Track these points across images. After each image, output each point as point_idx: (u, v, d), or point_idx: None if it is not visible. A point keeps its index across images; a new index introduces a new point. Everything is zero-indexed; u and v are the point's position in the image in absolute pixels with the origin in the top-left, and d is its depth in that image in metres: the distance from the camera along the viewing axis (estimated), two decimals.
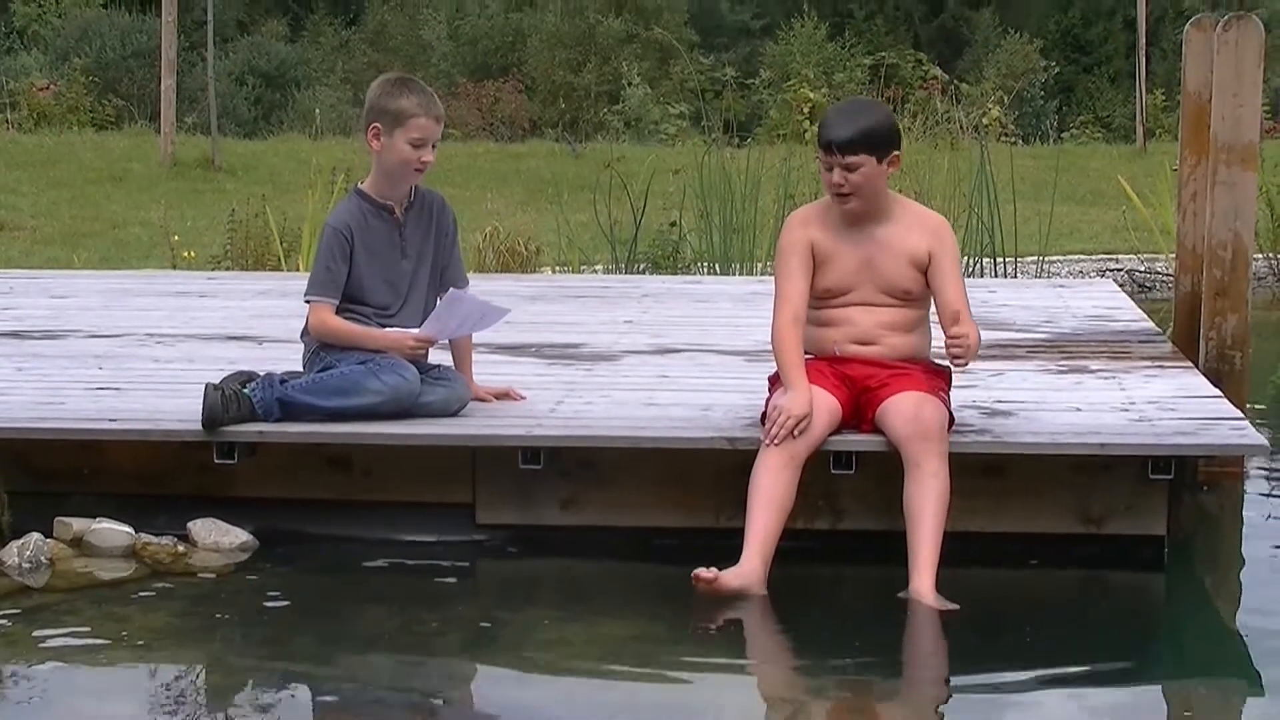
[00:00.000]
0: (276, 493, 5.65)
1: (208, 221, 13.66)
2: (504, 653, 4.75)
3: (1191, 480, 6.01)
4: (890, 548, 5.20)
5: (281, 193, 14.27)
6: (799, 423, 5.18)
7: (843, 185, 5.27)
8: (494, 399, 5.89)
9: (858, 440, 5.35)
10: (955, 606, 4.95)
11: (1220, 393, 6.11)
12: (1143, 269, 12.76)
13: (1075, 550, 5.47)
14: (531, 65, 31.21)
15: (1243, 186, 6.60)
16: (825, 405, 5.26)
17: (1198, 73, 7.14)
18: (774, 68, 27.92)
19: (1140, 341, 7.27)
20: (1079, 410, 5.82)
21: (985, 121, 17.10)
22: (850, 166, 5.24)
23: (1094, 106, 29.92)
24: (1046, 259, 12.09)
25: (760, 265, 11.09)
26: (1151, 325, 7.73)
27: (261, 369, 5.79)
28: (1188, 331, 7.18)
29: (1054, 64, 30.30)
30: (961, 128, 15.87)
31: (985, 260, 11.38)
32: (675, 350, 7.11)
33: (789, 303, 5.34)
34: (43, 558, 5.38)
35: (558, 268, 11.67)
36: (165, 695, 4.45)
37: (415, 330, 5.65)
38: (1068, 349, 7.12)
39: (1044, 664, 4.65)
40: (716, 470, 5.46)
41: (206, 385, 5.55)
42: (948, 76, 22.90)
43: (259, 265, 11.11)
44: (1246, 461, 6.39)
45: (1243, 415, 5.81)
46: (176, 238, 11.98)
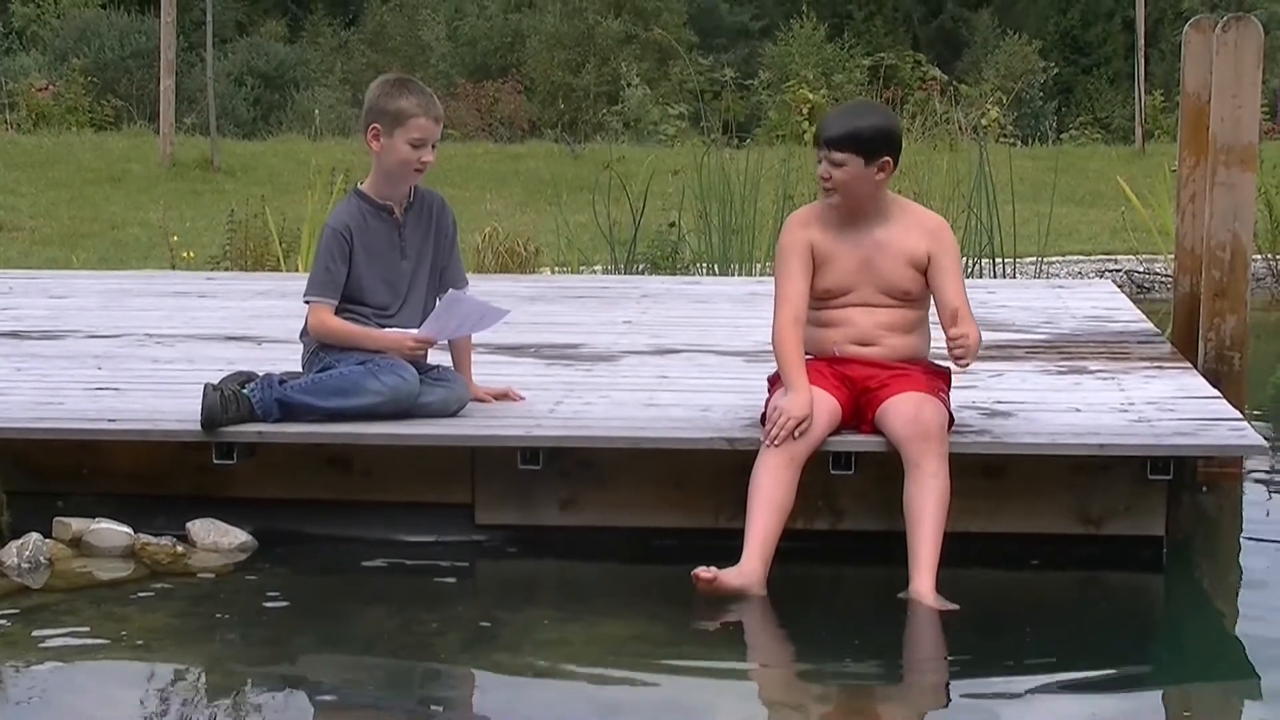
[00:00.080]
0: (275, 493, 5.65)
1: (207, 222, 13.66)
2: (503, 653, 4.75)
3: (1190, 481, 6.01)
4: (890, 548, 5.20)
5: (280, 193, 14.28)
6: (799, 424, 5.18)
7: (827, 179, 5.33)
8: (493, 399, 5.89)
9: (857, 441, 5.36)
10: (955, 607, 4.95)
11: (1219, 393, 6.11)
12: (1142, 270, 12.76)
13: (1074, 551, 5.47)
14: (530, 66, 31.23)
15: (1241, 188, 6.60)
16: (825, 406, 5.26)
17: (1197, 74, 7.14)
18: (773, 69, 27.96)
19: (1139, 342, 7.27)
20: (1078, 411, 5.82)
21: (984, 122, 17.11)
22: (835, 162, 5.29)
23: (1093, 107, 29.94)
24: (1045, 260, 12.10)
25: (759, 266, 11.10)
26: (1150, 326, 7.74)
27: (260, 369, 5.79)
28: (1187, 332, 7.18)
29: (1053, 65, 30.33)
30: (960, 129, 15.88)
31: (984, 261, 11.38)
32: (674, 351, 7.11)
33: (789, 303, 5.35)
34: (42, 558, 5.37)
35: (557, 268, 11.68)
36: (164, 695, 4.45)
37: (414, 331, 5.65)
38: (1067, 350, 7.12)
39: (1043, 664, 4.65)
40: (716, 471, 5.46)
41: (205, 385, 5.55)
42: (947, 77, 22.92)
43: (258, 266, 11.11)
44: (1245, 462, 6.39)
45: (1241, 416, 5.82)
46: (175, 238, 11.99)
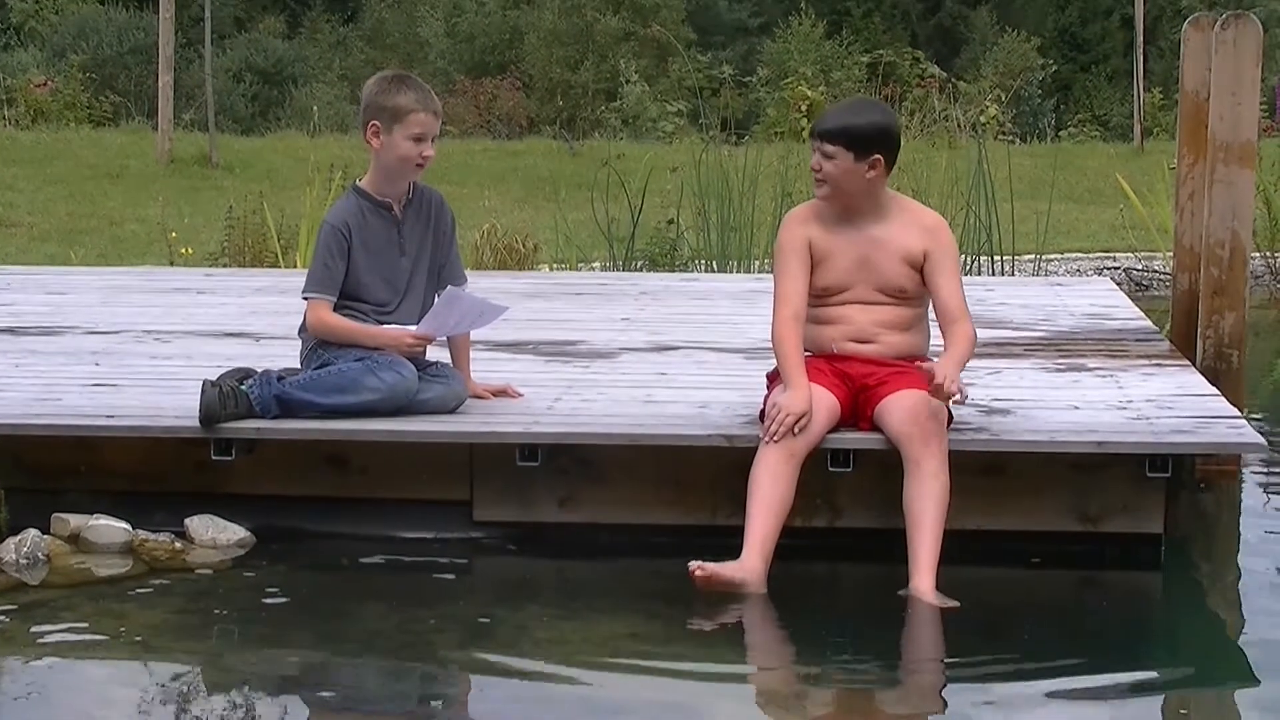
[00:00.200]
0: (274, 490, 5.65)
1: (205, 218, 13.65)
2: (501, 650, 4.75)
3: (1189, 479, 6.01)
4: (889, 546, 5.20)
5: (279, 190, 14.27)
6: (798, 420, 5.18)
7: (818, 170, 5.37)
8: (492, 396, 5.89)
9: (856, 438, 5.36)
10: (955, 604, 4.95)
11: (1217, 391, 6.11)
12: (1140, 268, 12.76)
13: (1073, 548, 5.47)
14: (529, 63, 31.22)
15: (1240, 185, 6.60)
16: (824, 403, 5.26)
17: (1196, 72, 7.14)
18: (771, 65, 27.94)
19: (1137, 340, 7.27)
20: (1076, 408, 5.82)
21: (983, 120, 17.12)
22: (826, 154, 5.33)
23: (1091, 105, 29.94)
24: (1044, 257, 12.09)
25: (758, 263, 11.09)
26: (1149, 324, 7.73)
27: (259, 366, 5.79)
28: (1185, 330, 7.18)
29: (1051, 62, 30.30)
30: (959, 126, 15.89)
31: (983, 259, 11.38)
32: (673, 348, 7.11)
33: (788, 301, 5.35)
34: (40, 554, 5.37)
35: (555, 265, 11.67)
36: (162, 691, 4.45)
37: (413, 327, 5.65)
38: (1065, 347, 7.12)
39: (1041, 661, 4.66)
40: (714, 468, 5.46)
41: (204, 382, 5.54)
42: (945, 74, 22.93)
43: (256, 262, 11.10)
44: (1243, 460, 6.39)
45: (1240, 414, 5.82)
46: (174, 234, 11.98)
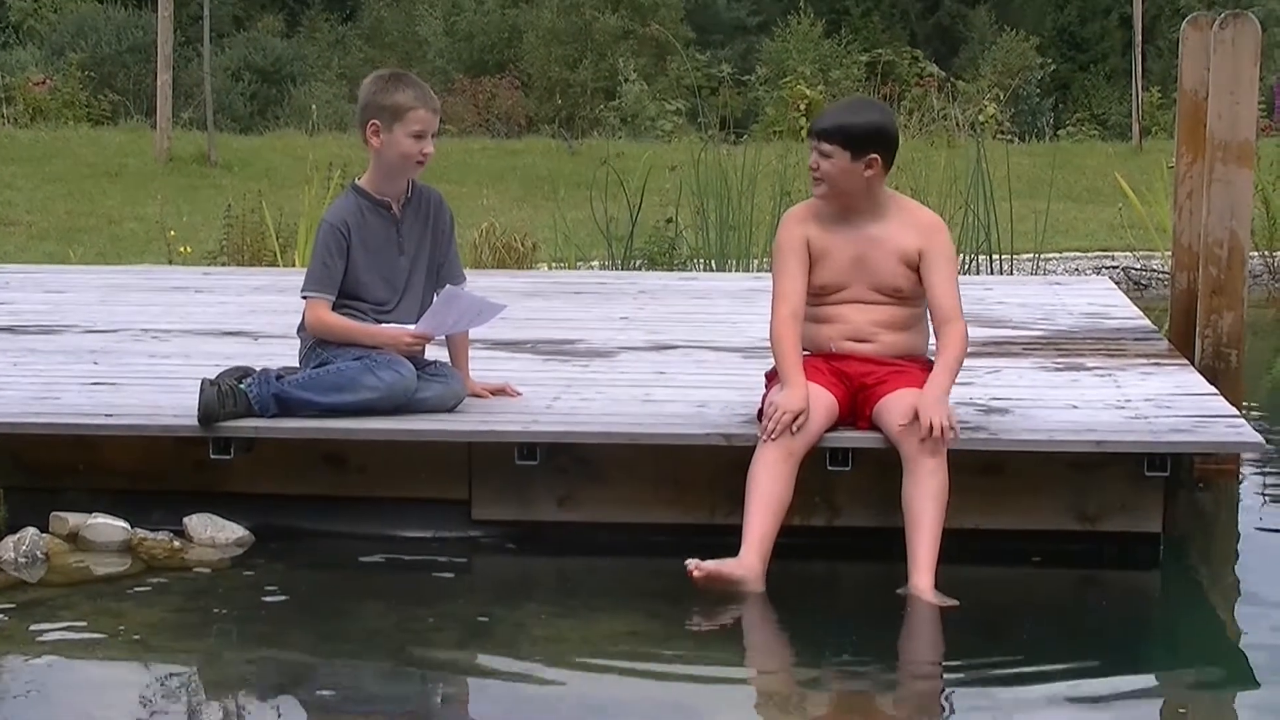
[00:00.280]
0: (272, 488, 5.65)
1: (204, 217, 13.65)
2: (499, 649, 4.75)
3: (1187, 478, 6.02)
4: (887, 544, 5.21)
5: (277, 188, 14.27)
6: (795, 418, 5.18)
7: (815, 169, 5.37)
8: (490, 395, 5.89)
9: (854, 437, 5.36)
10: (954, 603, 4.96)
11: (1216, 390, 6.11)
12: (1139, 266, 12.77)
13: (1071, 547, 5.47)
14: (528, 61, 31.21)
15: (1239, 184, 6.61)
16: (822, 402, 5.26)
17: (1194, 71, 7.15)
18: (770, 64, 27.93)
19: (1136, 339, 7.27)
20: (1075, 408, 5.82)
21: (981, 119, 17.12)
22: (823, 153, 5.34)
23: (1090, 104, 29.94)
24: (1042, 256, 12.09)
25: (756, 262, 11.09)
26: (1147, 323, 7.73)
27: (258, 365, 5.79)
28: (1184, 329, 7.18)
29: (1050, 61, 30.30)
30: (958, 125, 15.90)
31: (981, 258, 11.38)
32: (672, 347, 7.11)
33: (786, 300, 5.35)
34: (38, 553, 5.37)
35: (554, 264, 11.68)
36: (161, 690, 4.45)
37: (412, 326, 5.65)
38: (1064, 346, 7.12)
39: (1040, 660, 4.66)
40: (713, 467, 5.46)
41: (202, 381, 5.54)
42: (944, 74, 22.91)
43: (255, 261, 11.10)
44: (1242, 459, 6.39)
45: (1238, 413, 5.82)
46: (172, 233, 11.98)
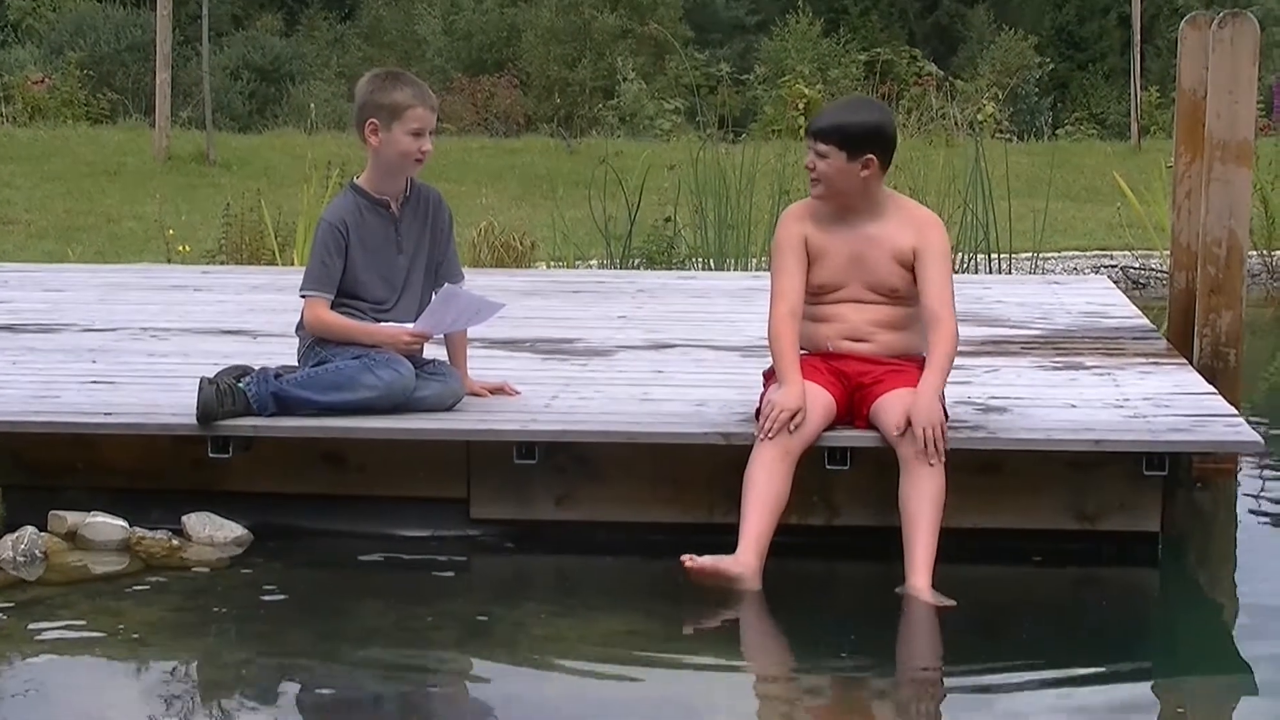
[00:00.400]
0: (271, 487, 5.65)
1: (202, 216, 13.65)
2: (498, 647, 4.75)
3: (1185, 477, 6.02)
4: (885, 544, 5.21)
5: (276, 187, 14.27)
6: (793, 417, 5.18)
7: (812, 169, 5.37)
8: (489, 394, 5.89)
9: (852, 436, 5.36)
10: (952, 603, 4.96)
11: (1214, 390, 6.11)
12: (1137, 266, 12.77)
13: (1070, 546, 5.47)
14: (526, 60, 31.20)
15: (1237, 184, 6.61)
16: (820, 401, 5.27)
17: (1193, 70, 7.15)
18: (769, 64, 27.91)
19: (1134, 338, 7.27)
20: (1073, 407, 5.82)
21: (980, 118, 17.11)
22: (819, 153, 5.34)
23: (1088, 103, 29.93)
24: (1041, 255, 12.09)
25: (755, 261, 11.09)
26: (1146, 322, 7.74)
27: (256, 363, 5.79)
28: (1182, 328, 7.18)
29: (1049, 61, 30.29)
30: (956, 124, 15.89)
31: (980, 257, 11.38)
32: (670, 345, 7.11)
33: (785, 298, 5.35)
34: (37, 551, 5.37)
35: (552, 263, 11.68)
36: (160, 689, 4.45)
37: (410, 325, 5.65)
38: (1062, 345, 7.12)
39: (1039, 660, 4.66)
40: (711, 466, 5.46)
41: (201, 379, 5.54)
42: (942, 73, 22.88)
43: (254, 260, 11.10)
44: (1240, 458, 6.40)
45: (1237, 412, 5.82)
46: (171, 232, 11.98)
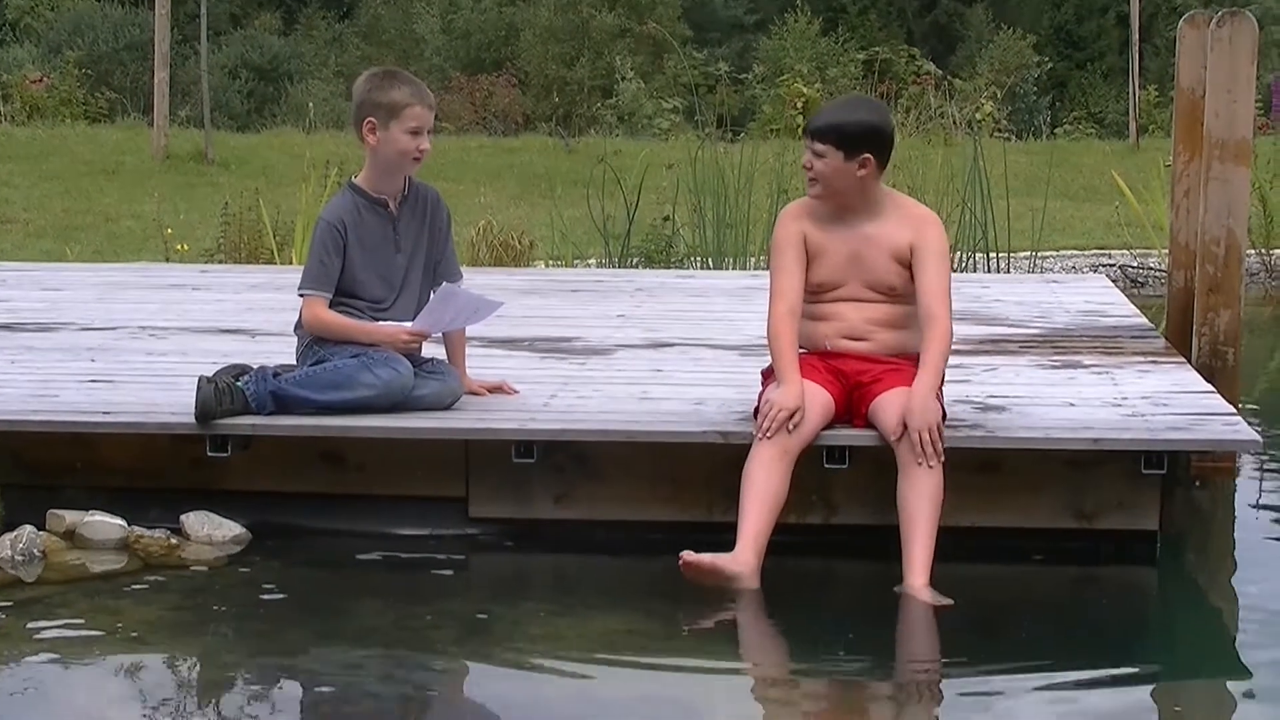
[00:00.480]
0: (269, 486, 5.65)
1: (201, 215, 13.64)
2: (496, 646, 4.75)
3: (1184, 476, 6.02)
4: (884, 543, 5.20)
5: (274, 186, 14.27)
6: (790, 416, 5.18)
7: (809, 168, 5.36)
8: (487, 393, 5.89)
9: (851, 435, 5.36)
10: (949, 602, 4.96)
11: (1213, 388, 6.11)
12: (1135, 265, 12.77)
13: (1068, 545, 5.47)
14: (525, 59, 31.21)
15: (1236, 182, 6.61)
16: (818, 400, 5.26)
17: (1191, 69, 7.15)
18: (767, 63, 27.91)
19: (1133, 337, 7.28)
20: (1072, 405, 5.82)
21: (978, 117, 17.10)
22: (816, 153, 5.34)
23: (1087, 102, 29.94)
24: (1039, 254, 12.09)
25: (753, 260, 11.09)
26: (1144, 321, 7.74)
27: (255, 362, 5.79)
28: (1180, 327, 7.18)
29: (1047, 60, 30.31)
30: (955, 123, 15.88)
31: (978, 256, 11.38)
32: (668, 344, 7.11)
33: (784, 296, 5.35)
34: (35, 550, 5.37)
35: (551, 262, 11.68)
36: (158, 688, 4.45)
37: (409, 324, 5.65)
38: (1060, 344, 7.12)
39: (1037, 658, 4.66)
40: (710, 464, 5.46)
41: (200, 378, 5.54)
42: (941, 72, 22.88)
43: (252, 259, 11.10)
44: (1239, 457, 6.40)
45: (1235, 411, 5.82)
46: (169, 231, 11.97)
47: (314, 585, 5.32)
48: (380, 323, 5.65)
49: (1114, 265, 12.70)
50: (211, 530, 5.53)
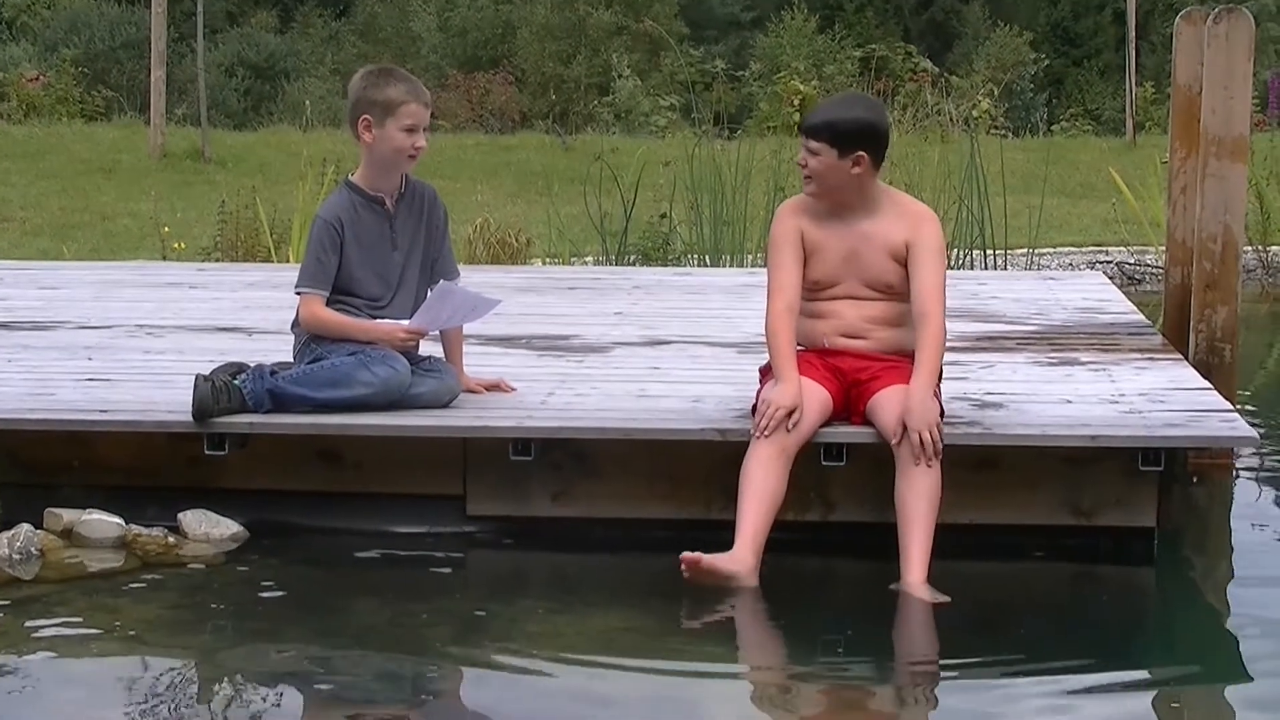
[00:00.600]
0: (267, 484, 5.65)
1: (198, 213, 13.64)
2: (494, 644, 4.75)
3: (1181, 472, 6.03)
4: (881, 540, 5.20)
5: (271, 184, 14.26)
6: (788, 415, 5.18)
7: (804, 166, 5.36)
8: (485, 390, 5.89)
9: (849, 432, 5.36)
10: (947, 599, 4.96)
11: (1210, 385, 6.12)
12: (1132, 261, 12.77)
13: (1066, 542, 5.47)
14: (521, 57, 31.21)
15: (1232, 179, 6.61)
16: (816, 397, 5.26)
17: (1188, 66, 7.15)
18: (764, 60, 27.91)
19: (1130, 334, 7.28)
20: (1069, 402, 5.82)
21: (975, 114, 17.09)
22: (811, 150, 5.34)
23: (1084, 99, 29.94)
24: (1036, 251, 12.10)
25: (750, 257, 11.09)
26: (1141, 317, 7.74)
27: (252, 360, 5.79)
28: (1177, 324, 7.19)
29: (1044, 57, 30.33)
30: (951, 120, 15.87)
31: (975, 253, 11.38)
32: (666, 342, 7.11)
33: (782, 293, 5.35)
34: (33, 549, 5.37)
35: (548, 259, 11.68)
36: (156, 686, 4.45)
37: (406, 322, 5.65)
38: (1057, 341, 7.12)
39: (1034, 655, 4.66)
40: (708, 462, 5.46)
41: (197, 376, 5.54)
42: (938, 69, 22.91)
43: (249, 257, 11.10)
44: (1236, 453, 6.40)
45: (1232, 407, 5.82)
46: (166, 229, 11.96)
47: (312, 583, 5.32)
48: (378, 321, 5.65)
49: (1111, 262, 12.70)
50: (209, 528, 5.53)
